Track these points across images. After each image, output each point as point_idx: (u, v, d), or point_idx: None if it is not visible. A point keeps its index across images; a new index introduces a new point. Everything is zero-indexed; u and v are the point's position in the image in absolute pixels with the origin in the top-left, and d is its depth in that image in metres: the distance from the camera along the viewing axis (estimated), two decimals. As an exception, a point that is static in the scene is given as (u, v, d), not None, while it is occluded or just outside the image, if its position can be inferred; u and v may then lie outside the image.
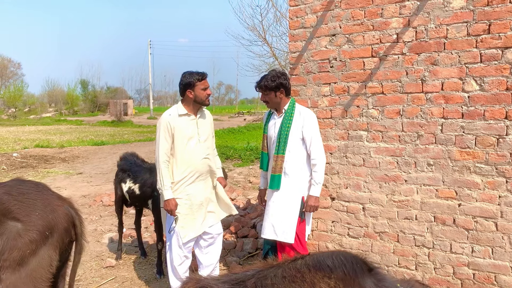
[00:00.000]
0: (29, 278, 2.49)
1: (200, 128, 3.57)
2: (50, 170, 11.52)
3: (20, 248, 2.45)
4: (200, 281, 1.69)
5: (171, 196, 3.43)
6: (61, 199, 2.80)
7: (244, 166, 11.68)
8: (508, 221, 3.05)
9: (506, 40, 2.97)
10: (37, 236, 2.50)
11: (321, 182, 3.51)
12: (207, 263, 3.68)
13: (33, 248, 2.49)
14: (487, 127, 3.08)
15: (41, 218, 2.55)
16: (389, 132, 3.49)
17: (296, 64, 3.93)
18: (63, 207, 2.72)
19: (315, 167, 3.50)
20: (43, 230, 2.53)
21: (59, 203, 2.73)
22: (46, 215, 2.58)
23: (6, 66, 61.99)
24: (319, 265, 1.86)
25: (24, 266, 2.47)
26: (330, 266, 1.86)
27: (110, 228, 6.18)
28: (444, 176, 3.27)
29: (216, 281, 1.73)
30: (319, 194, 3.49)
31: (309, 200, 3.48)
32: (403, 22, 3.35)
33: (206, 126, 3.66)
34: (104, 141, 18.97)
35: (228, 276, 1.80)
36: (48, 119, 42.17)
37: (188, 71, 3.55)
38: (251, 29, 12.02)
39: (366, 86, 3.56)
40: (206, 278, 1.77)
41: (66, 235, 2.72)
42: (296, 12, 3.90)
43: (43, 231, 2.53)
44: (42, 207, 2.60)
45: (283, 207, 3.53)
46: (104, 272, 4.60)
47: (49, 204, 2.65)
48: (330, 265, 1.86)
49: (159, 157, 3.45)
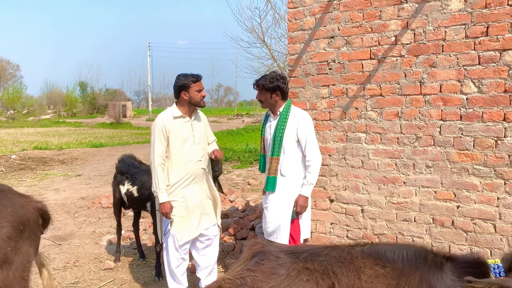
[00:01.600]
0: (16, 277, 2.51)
1: (195, 130, 3.57)
2: (48, 172, 11.51)
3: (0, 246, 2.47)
4: (264, 246, 2.10)
5: (166, 199, 3.43)
6: (26, 196, 2.89)
7: (243, 168, 11.67)
8: (507, 223, 3.05)
9: (504, 42, 2.98)
10: (13, 232, 2.55)
11: (313, 183, 3.51)
12: (204, 264, 3.67)
13: (13, 245, 2.51)
14: (486, 129, 3.09)
15: (13, 214, 2.61)
16: (388, 134, 3.49)
17: (295, 66, 3.93)
18: (31, 202, 2.81)
19: (309, 167, 3.50)
20: (17, 225, 2.58)
21: (26, 199, 2.82)
22: (16, 211, 2.64)
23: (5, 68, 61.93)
24: (376, 254, 2.01)
25: (10, 264, 2.49)
26: (388, 257, 1.97)
27: (109, 230, 6.17)
28: (443, 178, 3.27)
29: (276, 248, 2.11)
30: (309, 195, 3.51)
31: (299, 199, 3.48)
32: (402, 24, 3.36)
33: (201, 128, 3.65)
34: (103, 143, 18.96)
35: (287, 247, 2.15)
36: (46, 121, 42.13)
37: (182, 73, 3.55)
38: (250, 31, 12.03)
39: (365, 88, 3.57)
40: (269, 244, 2.15)
41: (38, 229, 2.83)
42: (294, 14, 3.90)
43: (17, 226, 2.59)
44: (11, 204, 2.66)
45: (277, 209, 3.54)
46: (102, 274, 4.59)
47: (17, 201, 2.72)
48: (389, 256, 1.97)
49: (154, 160, 3.45)
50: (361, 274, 1.94)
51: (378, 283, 1.91)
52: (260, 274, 1.97)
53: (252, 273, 1.99)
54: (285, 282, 1.93)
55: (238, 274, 2.06)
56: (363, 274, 1.94)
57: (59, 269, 4.75)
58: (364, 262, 1.97)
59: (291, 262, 2.01)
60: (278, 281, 1.94)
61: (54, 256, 5.15)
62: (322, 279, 1.94)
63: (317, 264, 1.99)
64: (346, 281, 1.94)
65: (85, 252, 5.31)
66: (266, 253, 2.08)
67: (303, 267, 1.98)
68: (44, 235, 5.48)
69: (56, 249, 5.41)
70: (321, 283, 1.93)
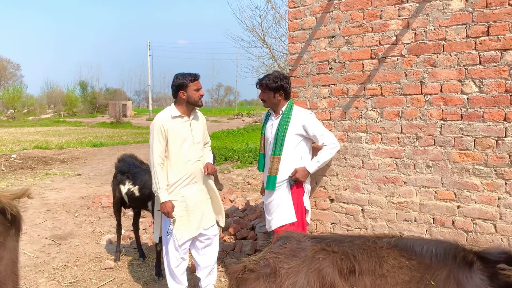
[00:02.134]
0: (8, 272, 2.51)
1: (193, 129, 3.57)
2: (48, 172, 11.51)
3: None
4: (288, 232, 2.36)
5: (168, 199, 3.43)
6: None
7: (243, 167, 11.67)
8: (507, 223, 3.05)
9: (505, 42, 2.97)
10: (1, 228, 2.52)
11: (321, 162, 3.56)
12: (204, 264, 3.67)
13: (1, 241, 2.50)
14: (486, 129, 3.08)
15: None
16: (388, 134, 3.48)
17: (295, 65, 3.93)
18: None
19: (326, 147, 3.53)
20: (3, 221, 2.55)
21: None
22: None
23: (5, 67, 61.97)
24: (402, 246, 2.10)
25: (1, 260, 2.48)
26: (416, 251, 2.05)
27: (109, 230, 6.17)
28: (443, 178, 3.27)
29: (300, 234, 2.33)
30: (312, 172, 3.55)
31: (300, 170, 3.51)
32: (402, 24, 3.36)
33: (199, 127, 3.65)
34: (103, 143, 18.96)
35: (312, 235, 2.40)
36: (47, 120, 42.14)
37: (180, 73, 3.55)
38: (251, 30, 12.03)
39: (365, 87, 3.57)
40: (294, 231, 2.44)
41: None
42: (295, 14, 3.90)
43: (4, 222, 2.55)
44: None
45: (278, 205, 3.56)
46: (102, 274, 4.59)
47: None
48: (416, 250, 2.04)
49: (154, 160, 3.44)
50: (384, 263, 2.01)
51: (401, 274, 1.94)
52: (282, 256, 2.12)
53: (274, 255, 2.14)
54: (304, 263, 2.06)
55: (262, 256, 2.21)
56: (386, 263, 2.00)
57: (59, 268, 4.75)
58: (389, 252, 2.03)
59: (311, 245, 2.14)
60: (298, 262, 2.07)
61: (54, 256, 5.15)
62: (341, 259, 2.04)
63: (336, 247, 2.10)
64: (367, 266, 2.01)
65: (85, 251, 5.31)
66: (289, 237, 2.25)
67: (320, 248, 2.11)
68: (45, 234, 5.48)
69: (56, 249, 5.41)
70: (339, 263, 2.03)
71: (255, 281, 2.08)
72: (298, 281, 2.01)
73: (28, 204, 7.84)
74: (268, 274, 2.08)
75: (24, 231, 6.33)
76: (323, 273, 2.00)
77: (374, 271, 1.97)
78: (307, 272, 2.02)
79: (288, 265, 2.06)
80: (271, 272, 2.07)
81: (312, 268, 2.03)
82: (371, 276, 1.97)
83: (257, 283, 2.07)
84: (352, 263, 2.01)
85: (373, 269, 1.97)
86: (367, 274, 1.98)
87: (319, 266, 2.02)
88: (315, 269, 2.02)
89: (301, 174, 3.49)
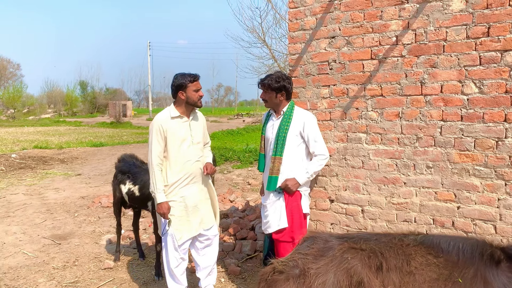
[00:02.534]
0: None
1: (193, 130, 3.56)
2: (48, 171, 11.50)
3: None
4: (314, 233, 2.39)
5: (164, 200, 3.43)
6: None
7: (243, 168, 11.67)
8: (507, 224, 3.05)
9: (505, 43, 2.97)
10: None
11: (311, 173, 3.53)
12: (204, 264, 3.67)
13: None
14: (486, 130, 3.08)
15: None
16: (388, 135, 3.48)
17: (296, 66, 3.93)
18: None
19: (315, 158, 3.52)
20: None
21: None
22: None
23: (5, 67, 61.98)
24: (429, 243, 2.11)
25: None
26: (442, 248, 2.04)
27: (109, 230, 6.17)
28: (443, 178, 3.27)
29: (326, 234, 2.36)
30: (302, 183, 3.52)
31: (290, 180, 3.49)
32: (403, 25, 3.36)
33: (199, 128, 3.65)
34: (103, 143, 18.96)
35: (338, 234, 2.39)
36: (47, 120, 42.13)
37: (180, 73, 3.53)
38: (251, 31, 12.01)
39: (365, 88, 3.56)
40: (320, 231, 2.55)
41: None
42: (295, 14, 3.90)
43: None
44: None
45: (273, 209, 3.55)
46: (102, 274, 4.59)
47: None
48: (443, 247, 2.05)
49: (152, 160, 3.45)
50: (411, 260, 2.01)
51: (429, 271, 1.95)
52: (310, 256, 2.15)
53: (303, 256, 2.17)
54: (332, 262, 2.08)
55: (291, 257, 2.22)
56: (414, 260, 2.01)
57: (59, 268, 4.75)
58: (416, 249, 2.04)
59: (339, 244, 2.16)
60: (326, 262, 2.09)
61: (53, 256, 5.15)
62: (369, 257, 2.06)
63: (364, 245, 2.11)
64: (394, 262, 2.02)
65: (85, 251, 5.30)
66: (316, 238, 2.27)
67: (348, 247, 2.12)
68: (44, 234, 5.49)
69: (55, 248, 5.41)
70: (367, 261, 2.04)
71: (284, 282, 2.10)
72: (327, 280, 2.02)
73: (28, 203, 7.85)
74: (298, 275, 2.09)
75: (24, 231, 6.36)
76: (352, 271, 2.02)
77: (401, 268, 1.98)
78: (336, 271, 2.04)
79: (316, 265, 2.08)
80: (300, 273, 2.09)
81: (340, 267, 2.04)
82: (398, 273, 1.98)
83: (287, 284, 2.09)
84: (380, 260, 2.02)
85: (400, 267, 1.98)
86: (394, 271, 1.99)
87: (348, 265, 2.04)
88: (343, 268, 2.04)
89: (291, 184, 3.47)
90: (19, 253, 5.24)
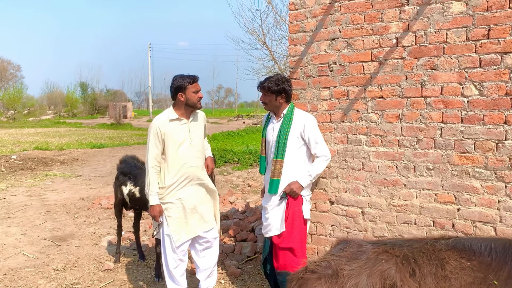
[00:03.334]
0: None
1: (192, 132, 3.54)
2: (48, 173, 11.50)
3: None
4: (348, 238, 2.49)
5: (157, 202, 3.44)
6: None
7: (243, 169, 11.67)
8: (507, 226, 3.05)
9: (505, 45, 2.98)
10: None
11: (314, 176, 3.52)
12: (204, 266, 3.66)
13: None
14: (486, 132, 3.08)
15: None
16: (389, 136, 3.49)
17: (296, 68, 3.93)
18: None
19: (317, 160, 3.52)
20: None
21: None
22: None
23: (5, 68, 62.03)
24: (461, 246, 2.07)
25: None
26: (474, 250, 2.03)
27: (109, 231, 6.16)
28: (443, 180, 3.27)
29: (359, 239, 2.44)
30: (305, 186, 3.52)
31: (294, 184, 3.49)
32: (403, 27, 3.36)
33: (199, 129, 3.63)
34: (103, 144, 18.97)
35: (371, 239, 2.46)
36: (47, 121, 42.14)
37: (179, 74, 3.51)
38: (251, 32, 12.04)
39: (366, 90, 3.57)
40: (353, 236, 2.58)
41: None
42: (296, 16, 3.91)
43: None
44: None
45: (273, 213, 3.55)
46: (102, 275, 4.59)
47: None
48: (475, 249, 2.04)
49: (148, 162, 3.46)
50: (445, 264, 2.01)
51: (464, 275, 1.95)
52: (343, 258, 2.16)
53: (336, 257, 2.19)
54: (366, 265, 2.08)
55: (324, 258, 2.24)
56: (448, 265, 2.01)
57: (59, 269, 4.75)
58: (448, 254, 2.05)
59: (373, 248, 2.17)
60: (360, 264, 2.10)
61: (53, 257, 5.15)
62: (402, 264, 2.06)
63: (398, 251, 2.11)
64: (428, 269, 2.02)
65: (85, 253, 5.30)
66: (349, 241, 2.30)
67: (383, 251, 2.13)
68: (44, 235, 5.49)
69: (55, 250, 5.41)
70: (401, 267, 2.04)
71: (316, 281, 2.10)
72: (360, 282, 2.03)
73: (28, 205, 7.85)
74: (330, 275, 2.10)
75: (24, 232, 6.36)
76: (385, 274, 2.02)
77: (436, 274, 1.98)
78: (369, 274, 2.04)
79: (349, 267, 2.09)
80: (333, 273, 2.10)
81: (374, 269, 2.05)
82: (433, 278, 1.98)
83: (318, 283, 2.09)
84: (413, 266, 2.02)
85: (435, 272, 1.98)
86: (429, 277, 1.99)
87: (382, 267, 2.04)
88: (377, 271, 2.04)
89: (295, 187, 3.47)
90: (19, 255, 5.24)
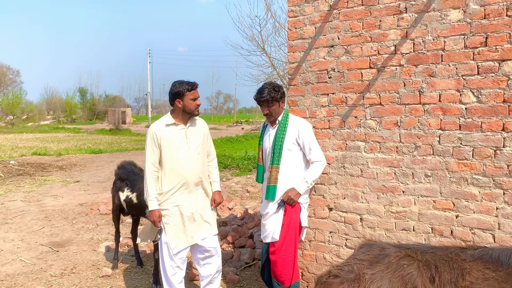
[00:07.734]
0: None
1: (189, 137, 3.50)
2: (47, 178, 11.48)
3: None
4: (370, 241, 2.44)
5: (156, 207, 3.43)
6: None
7: (242, 175, 11.66)
8: (506, 233, 3.05)
9: (503, 53, 3.00)
10: None
11: (310, 182, 3.53)
12: (205, 274, 3.64)
13: None
14: (485, 139, 3.09)
15: None
16: (387, 143, 3.49)
17: (295, 74, 3.95)
18: None
19: (312, 166, 3.52)
20: None
21: None
22: None
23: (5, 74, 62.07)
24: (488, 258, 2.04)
25: None
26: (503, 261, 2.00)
27: (107, 237, 6.14)
28: (442, 187, 3.27)
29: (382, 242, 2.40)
30: (302, 193, 3.53)
31: (291, 191, 3.49)
32: (401, 34, 3.38)
33: (197, 135, 3.57)
34: (102, 149, 18.95)
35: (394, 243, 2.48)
36: (46, 126, 42.13)
37: (178, 80, 3.49)
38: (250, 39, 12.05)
39: (364, 97, 3.58)
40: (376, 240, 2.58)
41: None
42: (294, 23, 3.93)
43: None
44: None
45: (271, 220, 3.55)
46: (100, 282, 4.57)
47: None
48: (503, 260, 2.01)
49: (146, 168, 3.45)
50: (466, 275, 1.99)
51: (487, 286, 1.94)
52: (365, 262, 2.16)
53: (358, 261, 2.19)
54: (388, 269, 2.08)
55: (346, 262, 2.24)
56: (469, 275, 1.99)
57: (56, 276, 4.73)
58: (471, 265, 2.02)
59: (395, 251, 2.17)
60: (382, 268, 2.10)
61: (51, 263, 5.13)
62: (424, 269, 2.05)
63: (420, 255, 2.11)
64: (448, 277, 2.01)
65: (83, 259, 5.28)
66: (372, 245, 2.30)
67: (405, 255, 2.13)
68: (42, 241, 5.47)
69: (53, 256, 5.38)
70: (422, 272, 2.05)
71: (339, 286, 2.11)
72: (382, 286, 2.04)
73: (26, 210, 7.82)
74: (352, 279, 2.11)
75: (21, 237, 6.33)
76: (407, 278, 2.03)
77: (456, 283, 1.97)
78: (391, 278, 2.05)
79: (372, 271, 2.09)
80: (355, 277, 2.11)
81: (396, 274, 2.05)
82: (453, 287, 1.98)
83: (341, 287, 2.10)
84: (433, 273, 2.02)
85: (455, 281, 1.97)
86: (448, 285, 1.99)
87: (403, 272, 2.05)
88: (399, 275, 2.05)
89: (292, 194, 3.48)
90: (16, 260, 5.21)
